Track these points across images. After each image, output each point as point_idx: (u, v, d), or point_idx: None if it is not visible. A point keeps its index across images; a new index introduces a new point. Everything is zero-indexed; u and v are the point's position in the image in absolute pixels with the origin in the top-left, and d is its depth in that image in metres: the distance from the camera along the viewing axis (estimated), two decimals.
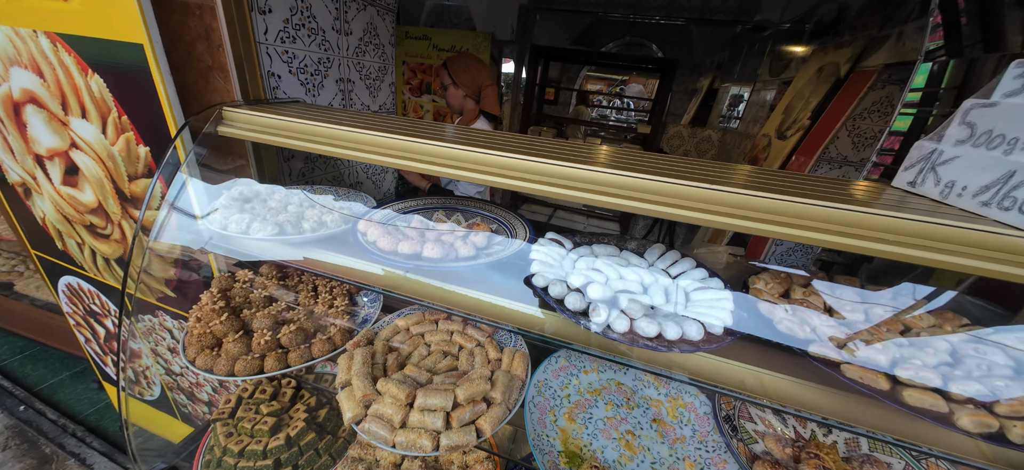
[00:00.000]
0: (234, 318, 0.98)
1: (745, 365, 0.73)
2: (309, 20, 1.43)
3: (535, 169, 0.79)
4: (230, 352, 0.89)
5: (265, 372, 0.89)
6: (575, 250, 1.04)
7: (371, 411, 0.79)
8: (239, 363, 0.88)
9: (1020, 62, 0.65)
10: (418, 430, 0.76)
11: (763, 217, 0.68)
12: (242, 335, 0.93)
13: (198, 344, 0.92)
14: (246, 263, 1.30)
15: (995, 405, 0.59)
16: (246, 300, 1.13)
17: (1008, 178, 0.61)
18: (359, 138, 0.91)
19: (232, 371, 0.88)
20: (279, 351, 0.92)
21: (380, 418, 0.78)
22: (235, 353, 0.89)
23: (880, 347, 0.69)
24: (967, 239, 0.60)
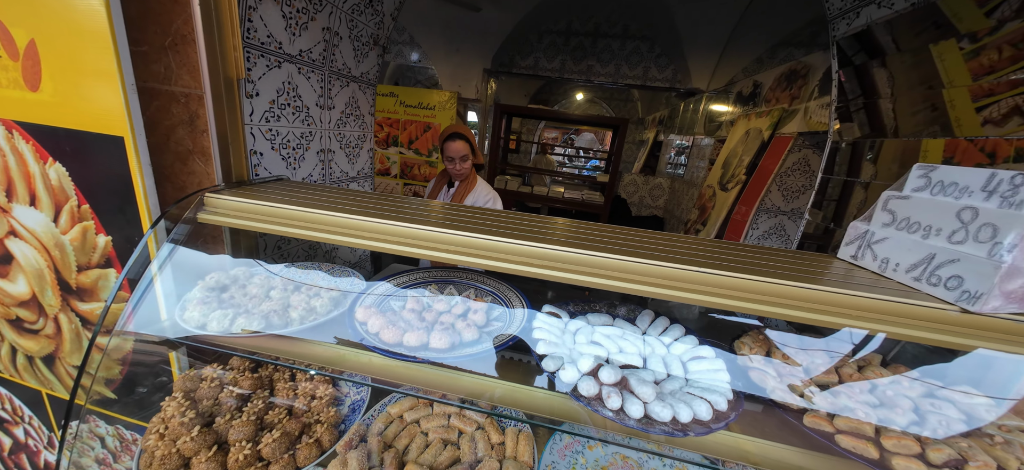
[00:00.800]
0: (206, 431, 0.87)
1: (746, 436, 0.79)
2: (295, 99, 1.45)
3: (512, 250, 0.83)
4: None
5: None
6: (572, 321, 1.08)
7: None
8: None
9: (921, 166, 0.83)
10: None
11: (732, 294, 0.77)
12: (216, 452, 0.83)
13: (161, 468, 0.80)
14: (212, 355, 1.17)
15: (966, 467, 0.68)
16: (215, 403, 1.01)
17: (930, 259, 0.76)
18: (340, 222, 0.91)
19: None
20: (259, 465, 0.83)
21: None
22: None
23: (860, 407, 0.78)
24: (910, 313, 0.73)
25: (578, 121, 9.08)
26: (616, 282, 0.81)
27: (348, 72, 1.72)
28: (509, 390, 0.85)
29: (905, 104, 2.23)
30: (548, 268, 0.84)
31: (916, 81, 2.02)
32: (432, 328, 0.89)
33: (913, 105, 2.10)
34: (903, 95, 2.23)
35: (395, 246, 0.88)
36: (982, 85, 1.72)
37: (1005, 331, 0.69)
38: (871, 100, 2.57)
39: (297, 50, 1.40)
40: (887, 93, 2.38)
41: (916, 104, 2.05)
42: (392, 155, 5.65)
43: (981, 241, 0.69)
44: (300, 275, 1.18)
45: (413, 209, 1.04)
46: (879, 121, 2.61)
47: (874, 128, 2.69)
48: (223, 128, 1.11)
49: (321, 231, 0.92)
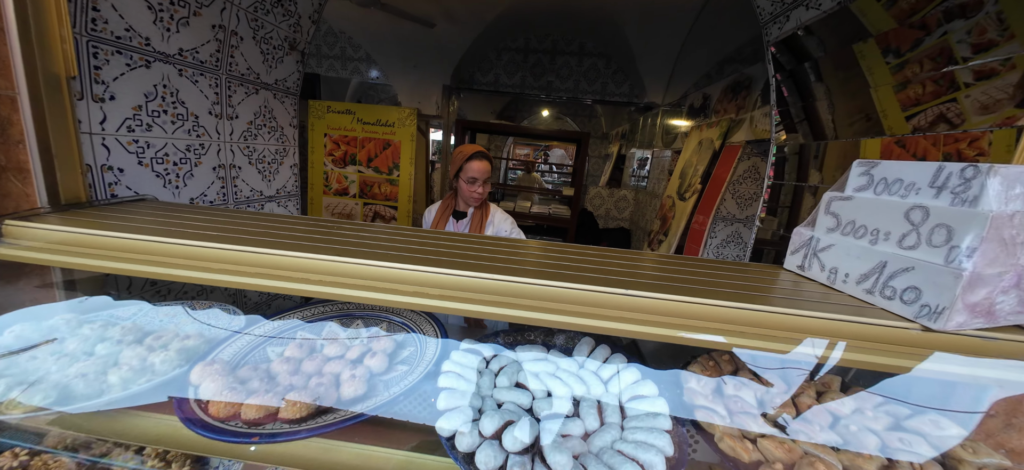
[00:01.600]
0: None
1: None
2: (175, 106, 1.22)
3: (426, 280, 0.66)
4: None
5: None
6: (497, 358, 0.91)
7: None
8: None
9: (861, 162, 0.74)
10: None
11: (661, 322, 0.63)
12: None
13: None
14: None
15: None
16: None
17: (882, 268, 0.65)
18: (213, 255, 0.70)
19: None
20: None
21: None
22: None
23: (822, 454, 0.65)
24: (865, 334, 0.61)
25: (540, 136, 9.19)
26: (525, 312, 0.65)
27: (256, 78, 1.51)
28: (386, 460, 0.66)
29: (841, 109, 2.30)
30: (459, 301, 0.66)
31: (846, 84, 2.07)
32: (292, 388, 0.69)
33: (849, 111, 2.15)
34: (838, 99, 2.30)
35: (276, 282, 0.68)
36: (909, 94, 1.76)
37: (975, 351, 0.58)
38: (809, 104, 2.65)
39: (175, 49, 1.18)
40: (823, 97, 2.45)
41: (851, 110, 2.10)
42: (350, 174, 5.37)
43: (935, 245, 0.59)
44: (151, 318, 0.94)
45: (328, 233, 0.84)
46: (820, 127, 2.70)
47: (816, 135, 2.78)
48: (46, 138, 0.88)
49: (166, 266, 0.70)
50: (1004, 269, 0.56)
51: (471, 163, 1.56)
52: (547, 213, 4.96)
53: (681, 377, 0.85)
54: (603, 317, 0.65)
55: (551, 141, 10.61)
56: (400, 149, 5.24)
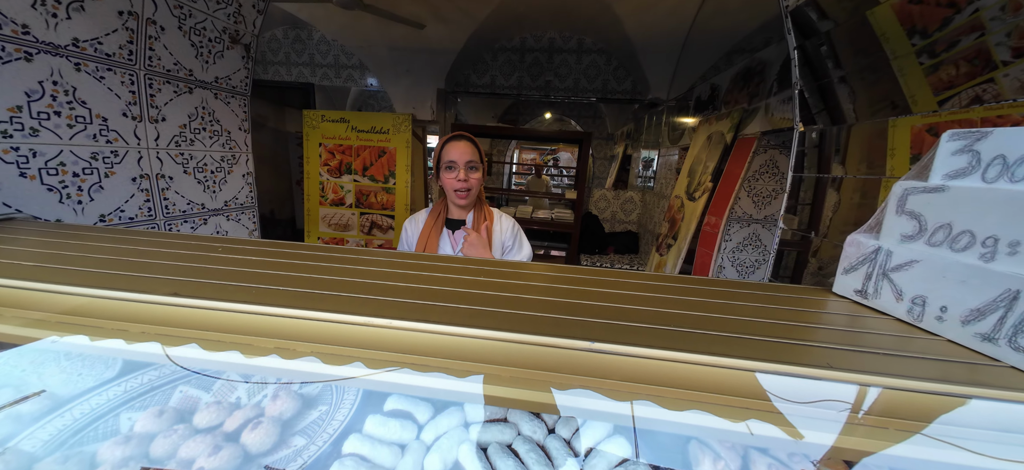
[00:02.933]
0: None
1: None
2: (71, 106, 1.03)
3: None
4: None
5: None
6: (433, 423, 0.67)
7: None
8: None
9: (956, 132, 0.48)
10: None
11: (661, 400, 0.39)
12: None
13: None
14: None
15: None
16: None
17: (1012, 301, 0.40)
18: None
19: None
20: None
21: None
22: None
23: None
24: (986, 419, 0.36)
25: (540, 138, 8.97)
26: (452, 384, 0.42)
27: (188, 75, 1.32)
28: None
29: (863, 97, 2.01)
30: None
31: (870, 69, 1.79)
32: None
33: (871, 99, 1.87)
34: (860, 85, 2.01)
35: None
36: (941, 77, 1.49)
37: None
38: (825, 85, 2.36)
39: (68, 39, 0.99)
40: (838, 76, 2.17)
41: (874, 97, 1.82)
42: (346, 184, 5.25)
43: None
44: None
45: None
46: (838, 111, 2.41)
47: (835, 120, 2.48)
48: None
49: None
50: None
51: (447, 148, 1.28)
52: (550, 218, 4.72)
53: (689, 450, 0.60)
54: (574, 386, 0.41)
55: (553, 144, 10.39)
56: (396, 156, 5.08)
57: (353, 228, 5.28)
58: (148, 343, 0.44)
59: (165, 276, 0.53)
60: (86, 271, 0.54)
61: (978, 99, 1.34)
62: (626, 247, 5.53)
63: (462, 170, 1.27)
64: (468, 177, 1.29)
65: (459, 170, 1.27)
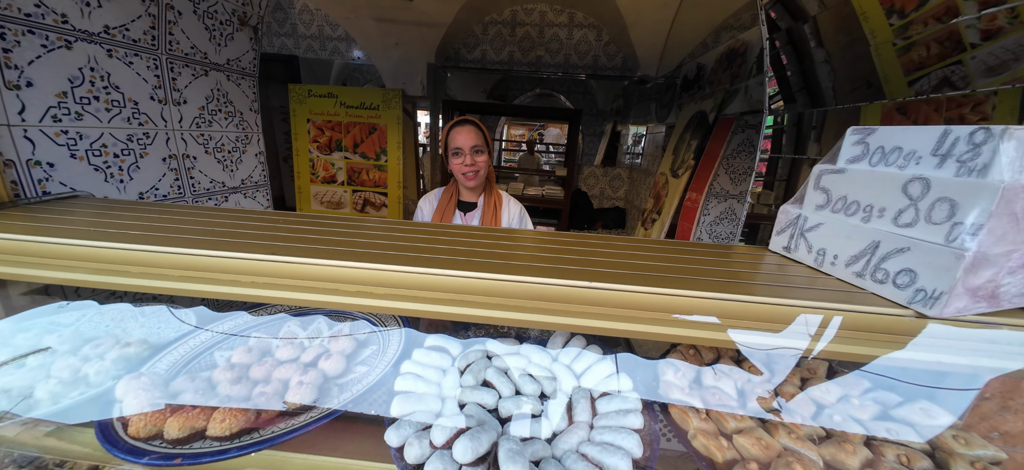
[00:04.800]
0: None
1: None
2: (107, 91, 1.11)
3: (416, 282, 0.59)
4: None
5: None
6: (466, 353, 0.85)
7: None
8: None
9: (856, 129, 0.66)
10: None
11: (627, 317, 0.57)
12: None
13: None
14: None
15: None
16: None
17: (874, 249, 0.58)
18: (163, 261, 0.61)
19: None
20: None
21: None
22: None
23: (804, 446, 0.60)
24: (851, 323, 0.55)
25: (532, 114, 8.92)
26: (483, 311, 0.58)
27: (204, 58, 1.39)
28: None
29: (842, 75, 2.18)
30: (430, 302, 0.59)
31: (848, 49, 1.95)
32: (228, 401, 0.62)
33: (850, 77, 2.04)
34: (839, 64, 2.17)
35: (232, 288, 0.60)
36: (912, 57, 1.66)
37: (976, 341, 0.52)
38: (809, 70, 2.53)
39: (100, 26, 1.06)
40: (824, 62, 2.33)
41: (852, 76, 1.99)
42: (337, 161, 5.21)
43: (935, 222, 0.52)
44: (96, 323, 0.86)
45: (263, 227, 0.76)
46: (820, 95, 2.58)
47: (815, 103, 2.67)
48: None
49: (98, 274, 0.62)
50: (1013, 247, 0.49)
51: (454, 133, 1.36)
52: (541, 195, 4.86)
53: (659, 369, 0.80)
54: (573, 315, 0.58)
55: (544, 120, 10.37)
56: (387, 133, 5.06)
57: (346, 205, 5.29)
58: (260, 289, 0.59)
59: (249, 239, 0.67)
60: (176, 235, 0.67)
61: (947, 80, 1.52)
62: (614, 222, 5.74)
63: (468, 155, 1.35)
64: (475, 161, 1.36)
65: (465, 155, 1.34)
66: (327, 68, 6.19)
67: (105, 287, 0.61)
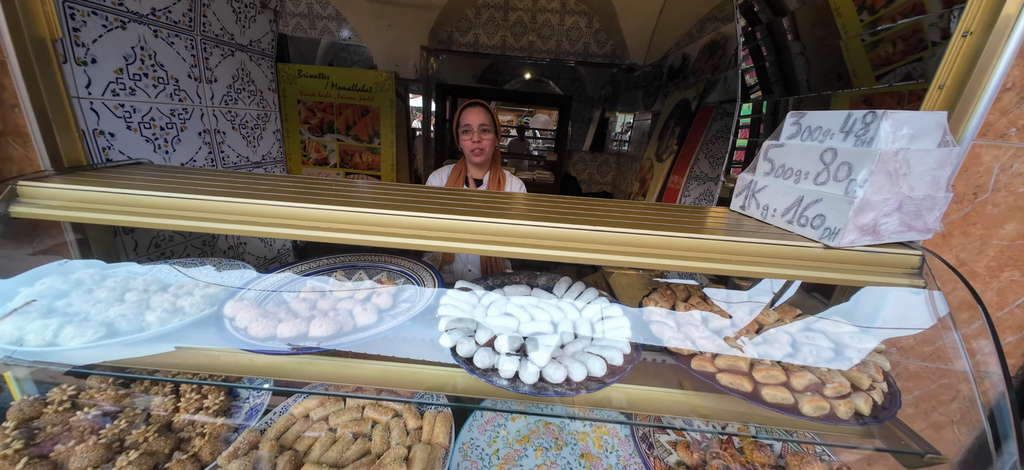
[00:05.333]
0: (39, 462, 0.72)
1: (647, 387, 0.80)
2: (154, 68, 1.22)
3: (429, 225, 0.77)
4: None
5: None
6: (487, 295, 1.04)
7: None
8: None
9: (793, 113, 0.86)
10: None
11: (626, 251, 0.77)
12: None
13: None
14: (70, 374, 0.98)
15: (824, 388, 0.74)
16: (65, 428, 0.84)
17: (800, 202, 0.80)
18: (201, 207, 0.76)
19: None
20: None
21: None
22: None
23: (742, 351, 0.82)
24: (781, 253, 0.76)
25: (522, 99, 8.98)
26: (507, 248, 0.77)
27: (231, 40, 1.49)
28: (401, 372, 0.79)
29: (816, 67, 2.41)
30: (453, 240, 0.77)
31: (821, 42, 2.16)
32: (313, 317, 0.80)
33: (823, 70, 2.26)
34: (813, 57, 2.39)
35: (303, 231, 0.76)
36: (879, 53, 1.86)
37: (860, 262, 0.74)
38: (786, 62, 2.76)
39: (148, 8, 1.17)
40: (800, 54, 2.56)
41: (825, 68, 2.21)
42: (329, 143, 5.22)
43: (839, 180, 0.73)
44: (169, 274, 1.01)
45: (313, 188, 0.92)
46: (795, 86, 2.82)
47: (791, 93, 2.91)
48: (41, 102, 0.90)
49: (177, 217, 0.77)
50: (888, 196, 0.71)
51: (465, 113, 1.51)
52: (531, 180, 5.03)
53: (643, 308, 1.01)
54: (580, 250, 0.77)
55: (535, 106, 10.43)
56: (379, 116, 5.08)
57: None
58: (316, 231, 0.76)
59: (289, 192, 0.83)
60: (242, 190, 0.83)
61: (909, 76, 1.73)
62: None
63: (476, 133, 1.49)
64: (482, 139, 1.50)
65: (474, 133, 1.49)
66: (315, 47, 6.09)
67: (178, 229, 0.77)
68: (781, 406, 0.72)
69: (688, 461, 0.89)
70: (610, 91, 7.11)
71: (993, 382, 0.63)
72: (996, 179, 0.84)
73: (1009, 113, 0.81)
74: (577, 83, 8.83)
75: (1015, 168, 0.83)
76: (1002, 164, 0.83)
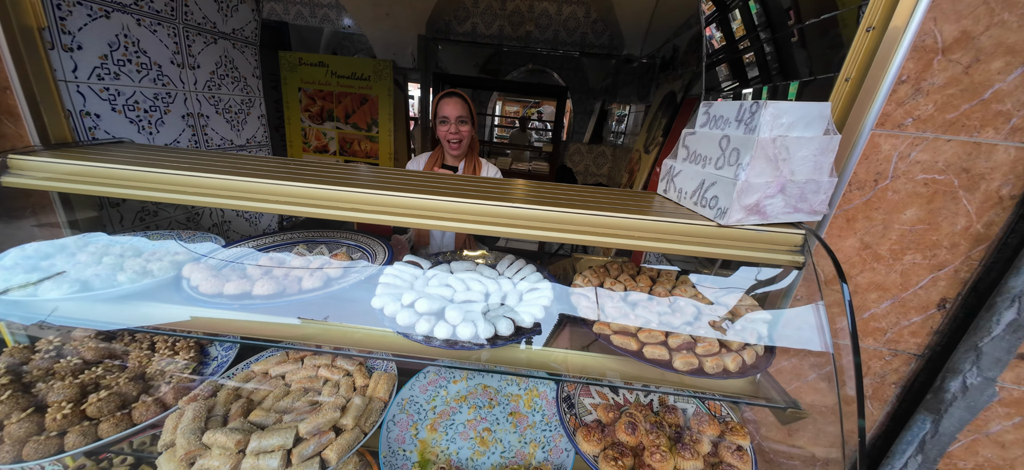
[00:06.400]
0: (21, 396, 0.84)
1: (558, 349, 0.88)
2: (137, 55, 1.32)
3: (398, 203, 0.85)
4: (13, 435, 0.76)
5: (66, 451, 0.78)
6: (433, 270, 1.13)
7: (196, 468, 0.75)
8: (28, 446, 0.76)
9: (706, 103, 0.93)
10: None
11: (550, 227, 0.85)
12: (32, 413, 0.80)
13: None
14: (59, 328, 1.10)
15: (696, 346, 0.82)
16: (49, 372, 0.97)
17: (702, 185, 0.87)
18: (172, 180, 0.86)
19: (20, 457, 0.75)
20: (85, 424, 0.81)
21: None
22: (20, 436, 0.76)
23: (629, 316, 0.90)
24: (681, 230, 0.84)
25: (521, 90, 8.97)
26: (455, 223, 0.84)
27: (213, 27, 1.59)
28: (341, 331, 0.89)
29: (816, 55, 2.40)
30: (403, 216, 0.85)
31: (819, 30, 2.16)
32: (259, 279, 0.90)
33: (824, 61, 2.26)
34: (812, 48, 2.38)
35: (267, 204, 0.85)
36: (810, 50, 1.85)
37: (746, 239, 0.81)
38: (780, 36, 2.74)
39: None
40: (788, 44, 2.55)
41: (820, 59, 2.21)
42: (329, 131, 5.33)
43: (731, 164, 0.80)
44: (145, 243, 1.13)
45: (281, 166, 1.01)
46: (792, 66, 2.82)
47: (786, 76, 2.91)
48: (29, 85, 1.01)
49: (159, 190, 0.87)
50: (770, 179, 0.77)
51: (441, 103, 1.54)
52: (528, 170, 5.09)
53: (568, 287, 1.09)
54: (513, 226, 0.84)
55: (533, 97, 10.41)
56: (378, 104, 5.16)
57: None
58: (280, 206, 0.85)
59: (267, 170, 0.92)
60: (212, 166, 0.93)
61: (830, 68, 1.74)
62: None
63: (453, 124, 1.52)
64: (459, 130, 1.54)
65: (450, 124, 1.53)
66: (317, 36, 6.17)
67: (155, 200, 0.87)
68: (657, 361, 0.80)
69: (603, 419, 0.98)
70: (610, 83, 7.09)
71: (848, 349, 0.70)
72: (895, 166, 0.90)
73: (905, 104, 0.86)
74: (579, 75, 8.78)
75: (913, 156, 0.89)
76: (900, 152, 0.89)
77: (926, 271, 0.95)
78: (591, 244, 0.87)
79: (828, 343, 0.73)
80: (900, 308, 0.99)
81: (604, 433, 0.90)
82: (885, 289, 0.99)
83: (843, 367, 0.70)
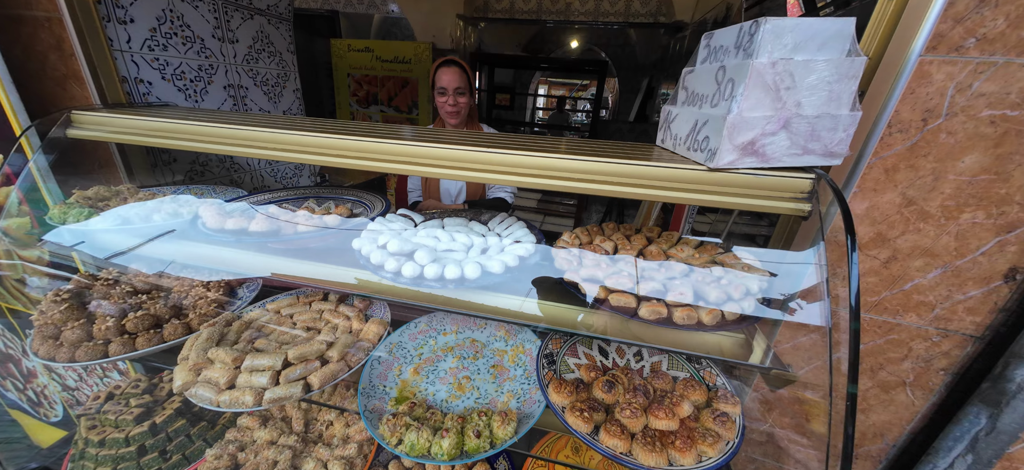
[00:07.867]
0: (76, 308, 1.01)
1: (530, 298, 0.86)
2: (182, 29, 1.48)
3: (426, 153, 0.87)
4: (69, 339, 0.92)
5: (110, 356, 0.93)
6: (425, 225, 1.15)
7: (201, 378, 0.86)
8: (80, 350, 0.92)
9: (707, 34, 0.82)
10: (243, 389, 0.83)
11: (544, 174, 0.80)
12: (83, 322, 0.97)
13: (40, 335, 0.95)
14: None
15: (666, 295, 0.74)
16: (105, 295, 1.15)
17: (695, 126, 0.78)
18: (213, 132, 0.96)
19: (73, 358, 0.91)
20: (125, 337, 0.96)
21: (208, 383, 0.85)
22: (74, 339, 0.92)
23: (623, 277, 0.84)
24: (670, 176, 0.76)
25: (560, 67, 8.66)
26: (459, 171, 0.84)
27: (250, 4, 1.73)
28: (331, 272, 0.95)
29: None
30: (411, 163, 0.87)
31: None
32: (255, 218, 0.98)
33: None
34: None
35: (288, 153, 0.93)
36: None
37: (740, 185, 0.71)
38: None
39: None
40: None
41: None
42: (374, 114, 5.62)
43: (726, 98, 0.70)
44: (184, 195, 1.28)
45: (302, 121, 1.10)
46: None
47: None
48: (88, 50, 1.17)
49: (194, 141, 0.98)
50: (770, 113, 0.67)
51: (438, 73, 1.54)
52: None
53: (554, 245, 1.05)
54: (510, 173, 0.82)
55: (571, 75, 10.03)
56: (417, 88, 5.33)
57: None
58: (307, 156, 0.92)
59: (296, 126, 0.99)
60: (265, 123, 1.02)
61: None
62: None
63: (451, 95, 1.51)
64: (457, 101, 1.52)
65: (449, 95, 1.51)
66: (367, 23, 6.46)
67: (198, 150, 0.98)
68: (622, 309, 0.74)
69: (585, 378, 0.94)
70: (659, 57, 6.60)
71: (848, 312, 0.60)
72: (950, 101, 0.73)
73: (965, 20, 0.69)
74: (627, 49, 8.29)
75: (975, 87, 0.71)
76: (958, 83, 0.72)
77: (991, 233, 0.77)
78: (569, 190, 0.82)
79: (824, 294, 0.63)
80: (953, 279, 0.82)
81: (579, 389, 0.87)
82: (934, 255, 0.82)
83: (840, 324, 0.59)
